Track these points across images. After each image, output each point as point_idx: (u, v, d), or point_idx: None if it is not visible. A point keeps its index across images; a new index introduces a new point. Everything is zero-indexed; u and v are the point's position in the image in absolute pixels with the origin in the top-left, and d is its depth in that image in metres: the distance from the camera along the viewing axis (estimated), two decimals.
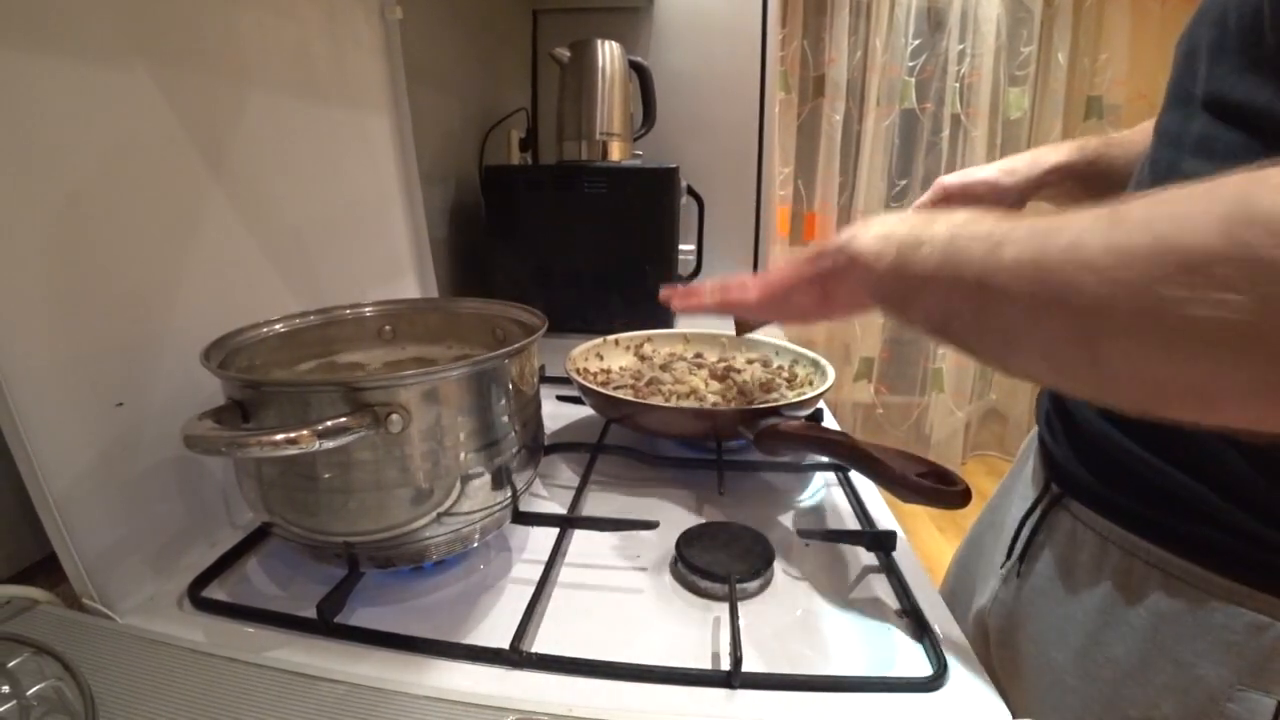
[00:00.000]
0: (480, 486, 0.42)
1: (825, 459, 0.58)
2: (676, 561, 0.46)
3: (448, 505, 0.41)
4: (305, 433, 0.34)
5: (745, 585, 0.44)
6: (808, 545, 0.50)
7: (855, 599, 0.44)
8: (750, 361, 0.76)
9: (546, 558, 0.47)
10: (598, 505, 0.56)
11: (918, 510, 2.10)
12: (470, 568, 0.48)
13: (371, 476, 0.39)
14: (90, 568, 0.40)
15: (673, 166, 1.03)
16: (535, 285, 1.08)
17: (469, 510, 0.42)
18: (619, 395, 0.62)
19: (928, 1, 2.22)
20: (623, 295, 1.06)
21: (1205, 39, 0.40)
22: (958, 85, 2.25)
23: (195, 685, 0.34)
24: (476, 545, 0.48)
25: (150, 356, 0.45)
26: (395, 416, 0.37)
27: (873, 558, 0.48)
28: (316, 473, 0.39)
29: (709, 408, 0.61)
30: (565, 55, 1.11)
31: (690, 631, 0.41)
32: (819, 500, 0.58)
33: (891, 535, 0.48)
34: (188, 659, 0.36)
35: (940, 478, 0.43)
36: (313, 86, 0.65)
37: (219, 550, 0.47)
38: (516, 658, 0.38)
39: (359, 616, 0.42)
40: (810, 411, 0.65)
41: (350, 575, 0.42)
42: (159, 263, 0.47)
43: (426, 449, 0.40)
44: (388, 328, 0.58)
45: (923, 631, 0.40)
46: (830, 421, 0.70)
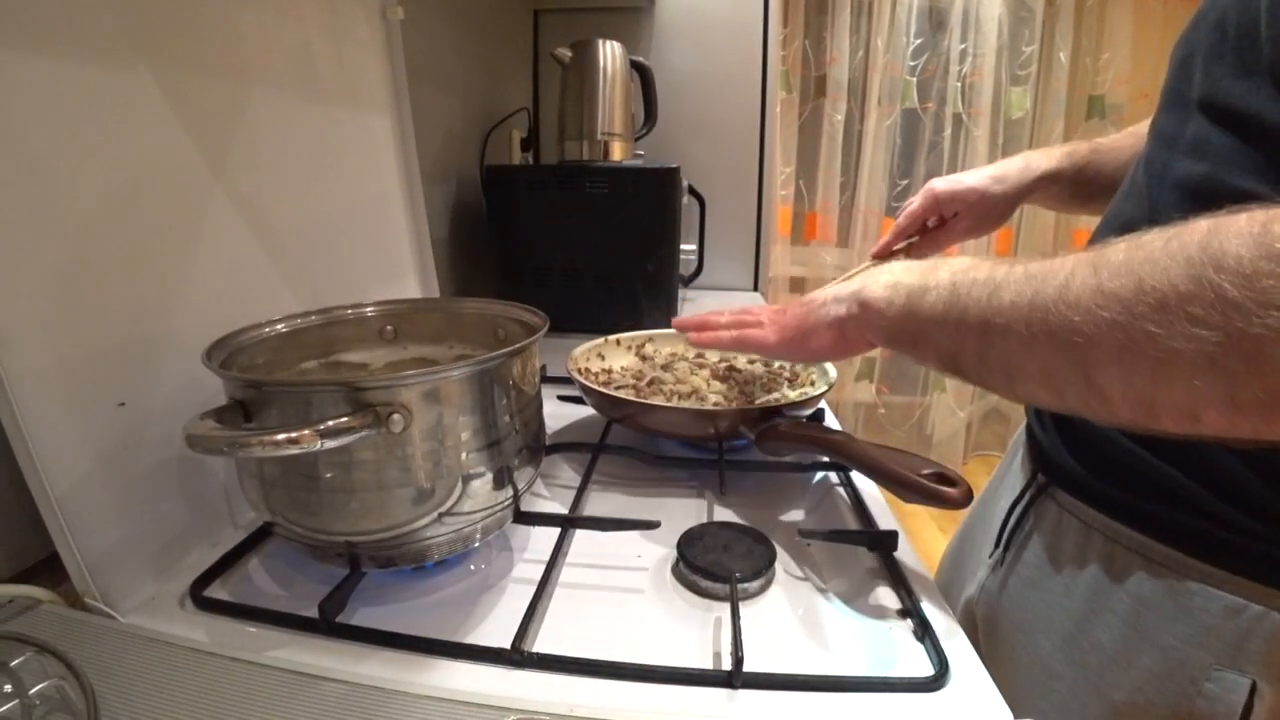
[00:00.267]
0: (482, 486, 0.42)
1: (827, 459, 0.58)
2: (678, 561, 0.46)
3: (449, 505, 0.41)
4: (307, 432, 0.34)
5: (747, 585, 0.44)
6: (809, 545, 0.50)
7: (857, 599, 0.44)
8: (752, 361, 0.76)
9: (548, 558, 0.47)
10: (599, 505, 0.56)
11: (919, 510, 2.10)
12: (472, 568, 0.48)
13: (373, 476, 0.39)
14: (92, 567, 0.40)
15: (674, 166, 1.03)
16: (537, 285, 1.08)
17: (470, 510, 0.42)
18: (620, 395, 0.62)
19: (929, 1, 2.22)
20: (624, 295, 1.06)
21: (1202, 44, 0.41)
22: (959, 85, 2.25)
23: (197, 684, 0.34)
24: (478, 545, 0.48)
25: (152, 356, 0.45)
26: (397, 416, 0.37)
27: (874, 558, 0.48)
28: (318, 472, 0.39)
29: (710, 408, 0.61)
30: (566, 55, 1.11)
31: (691, 631, 0.41)
32: (820, 500, 0.58)
33: (893, 535, 0.48)
34: (189, 658, 0.36)
35: (941, 478, 0.43)
36: (314, 86, 0.65)
37: (221, 550, 0.47)
38: (518, 657, 0.38)
39: (360, 616, 0.42)
40: (812, 411, 0.65)
41: (352, 575, 0.42)
42: (161, 263, 0.47)
43: (428, 449, 0.40)
44: (389, 328, 0.58)
45: (924, 632, 0.40)
46: (832, 421, 0.70)
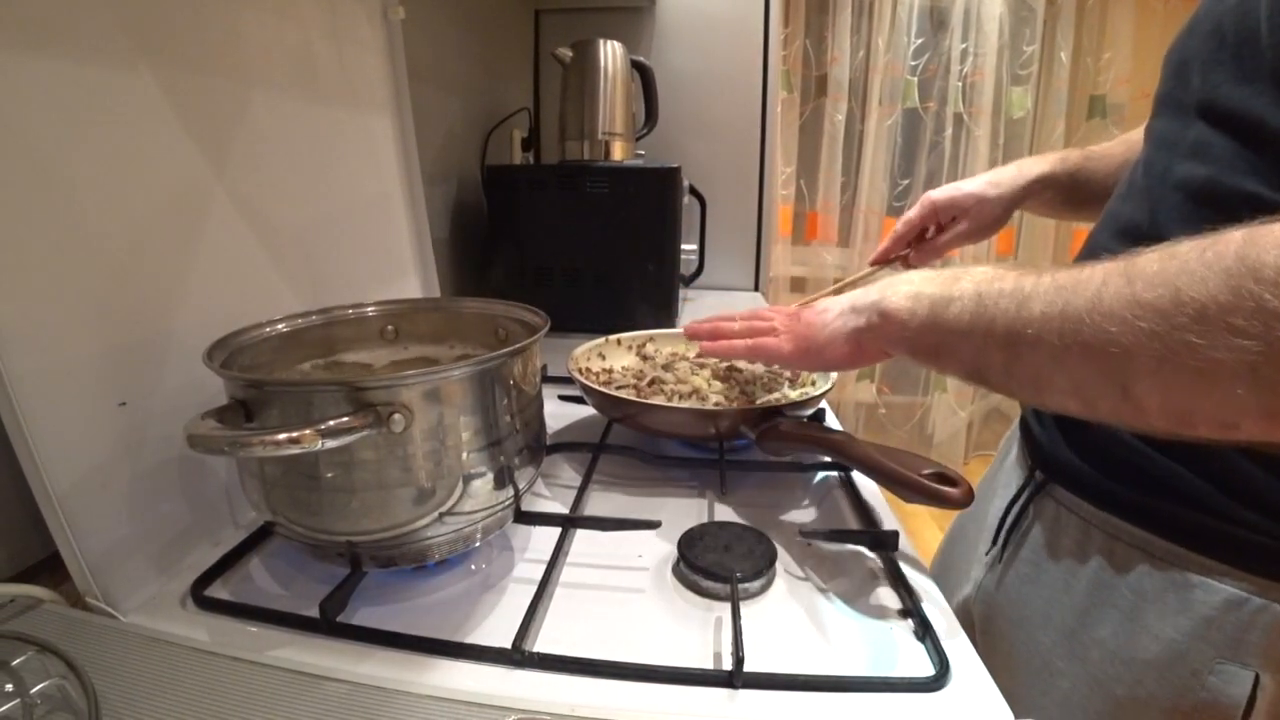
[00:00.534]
0: (482, 486, 0.42)
1: (827, 459, 0.58)
2: (679, 561, 0.46)
3: (450, 505, 0.41)
4: (308, 432, 0.34)
5: (747, 585, 0.44)
6: (810, 545, 0.50)
7: (857, 599, 0.44)
8: (752, 362, 0.76)
9: (548, 557, 0.47)
10: (600, 505, 0.56)
11: (920, 510, 2.09)
12: (472, 567, 0.48)
13: (374, 476, 0.39)
14: (94, 567, 0.40)
15: (675, 166, 1.03)
16: (537, 285, 1.08)
17: (471, 510, 0.42)
18: (621, 395, 0.62)
19: (930, 0, 2.21)
20: (625, 295, 1.06)
21: (1199, 51, 0.42)
22: (960, 84, 2.24)
23: (198, 684, 0.34)
24: (478, 545, 0.48)
25: (153, 356, 0.45)
26: (398, 416, 0.37)
27: (875, 557, 0.48)
28: (319, 472, 0.39)
29: (711, 407, 0.61)
30: (567, 55, 1.12)
31: (692, 631, 0.41)
32: (821, 500, 0.58)
33: (894, 535, 0.48)
34: (191, 658, 0.36)
35: (942, 478, 0.43)
36: (315, 87, 0.65)
37: (222, 549, 0.47)
38: (519, 657, 0.38)
39: (361, 616, 0.42)
40: (812, 411, 0.65)
41: (352, 575, 0.42)
42: (162, 263, 0.47)
43: (429, 448, 0.40)
44: (390, 327, 0.58)
45: (925, 631, 0.40)
46: (832, 421, 0.70)
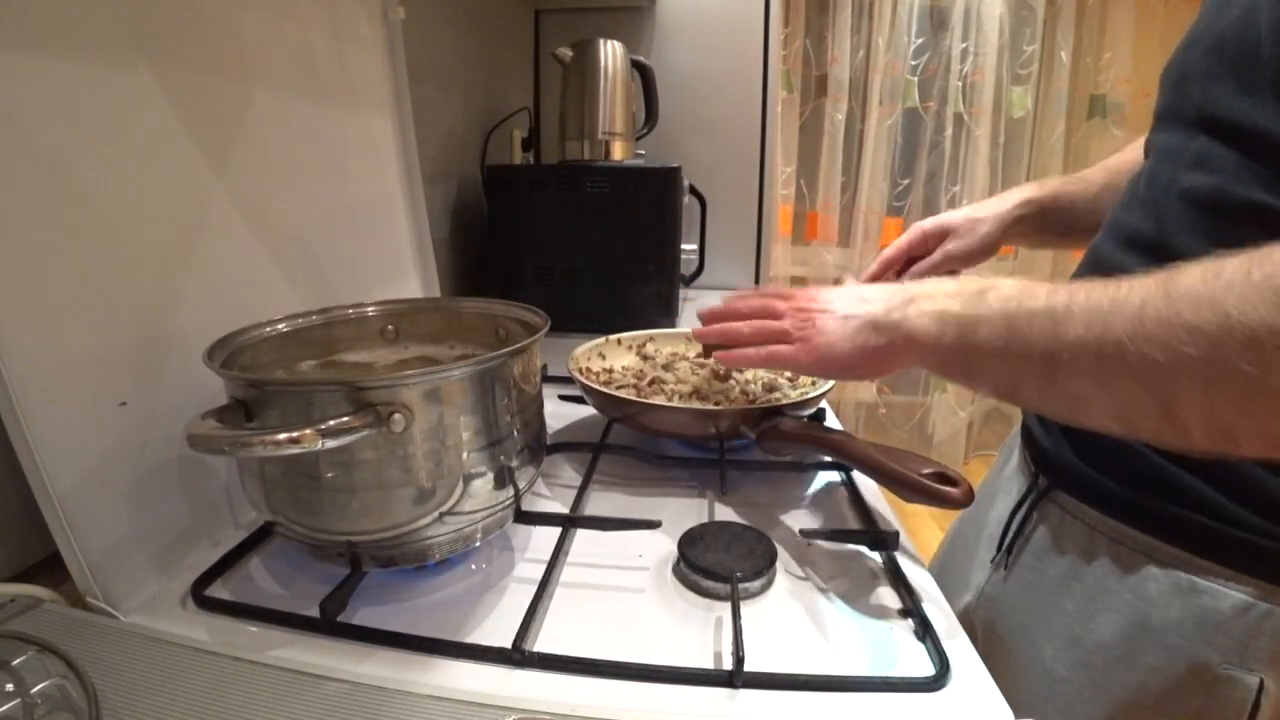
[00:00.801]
0: (483, 486, 0.42)
1: (828, 458, 0.58)
2: (679, 561, 0.46)
3: (450, 505, 0.41)
4: (308, 432, 0.34)
5: (747, 585, 0.44)
6: (810, 545, 0.50)
7: (857, 599, 0.44)
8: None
9: (549, 557, 0.47)
10: (600, 505, 0.56)
11: (920, 510, 2.09)
12: (473, 567, 0.48)
13: (374, 476, 0.39)
14: (94, 566, 0.40)
15: (675, 166, 1.03)
16: (537, 285, 1.08)
17: (471, 510, 0.42)
18: (621, 395, 0.62)
19: (930, 0, 2.21)
20: (625, 295, 1.06)
21: (1199, 66, 0.42)
22: (961, 84, 2.24)
23: (198, 684, 0.34)
24: (479, 545, 0.48)
25: (154, 356, 0.45)
26: (398, 416, 0.37)
27: (875, 557, 0.48)
28: (319, 472, 0.39)
29: (711, 407, 0.61)
30: (567, 55, 1.11)
31: (692, 631, 0.41)
32: (821, 500, 0.58)
33: (894, 535, 0.48)
34: (191, 658, 0.36)
35: (942, 477, 0.43)
36: (315, 87, 0.65)
37: (222, 549, 0.47)
38: (519, 657, 0.38)
39: (361, 616, 0.42)
40: (813, 411, 0.65)
41: (353, 574, 0.42)
42: (162, 262, 0.47)
43: (429, 448, 0.40)
44: (390, 327, 0.58)
45: (925, 631, 0.40)
46: (833, 421, 0.70)
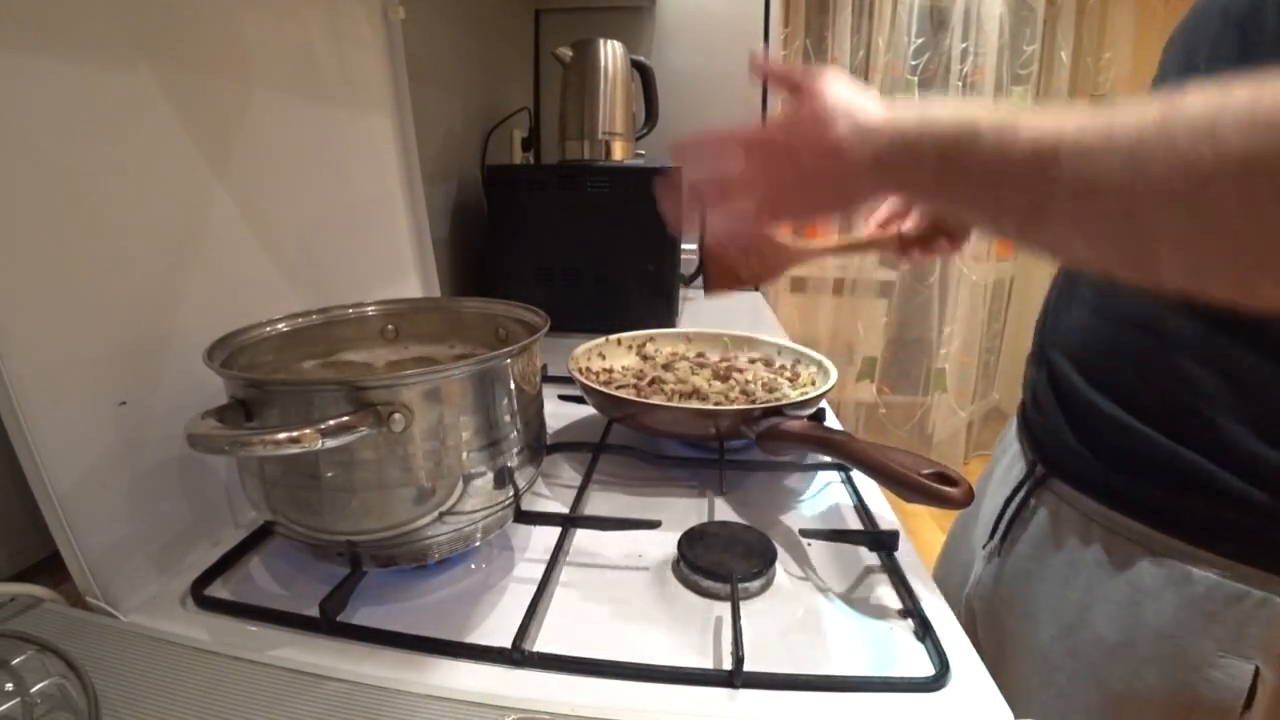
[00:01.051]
0: (482, 486, 0.42)
1: (828, 458, 0.58)
2: (678, 561, 0.46)
3: (450, 504, 0.41)
4: (308, 432, 0.34)
5: (747, 585, 0.44)
6: (810, 545, 0.50)
7: (857, 599, 0.44)
8: (753, 361, 0.76)
9: (548, 557, 0.47)
10: (600, 505, 0.56)
11: (920, 510, 2.09)
12: (473, 567, 0.48)
13: (374, 475, 0.39)
14: (94, 566, 0.40)
15: (675, 166, 1.03)
16: (537, 284, 1.08)
17: (471, 509, 0.42)
18: (621, 395, 0.62)
19: (930, 0, 2.21)
20: (625, 295, 1.06)
21: (1205, 33, 0.42)
22: (961, 84, 2.24)
23: (198, 683, 0.34)
24: (478, 544, 0.48)
25: (154, 355, 0.45)
26: (398, 416, 0.37)
27: (875, 557, 0.48)
28: (319, 471, 0.39)
29: (711, 407, 0.61)
30: (568, 55, 1.11)
31: (692, 631, 0.41)
32: (821, 500, 0.58)
33: (894, 535, 0.48)
34: (191, 657, 0.36)
35: (942, 477, 0.43)
36: (315, 87, 0.65)
37: (222, 549, 0.47)
38: (518, 657, 0.38)
39: (361, 615, 0.42)
40: (813, 411, 0.65)
41: (352, 574, 0.42)
42: (162, 262, 0.47)
43: (429, 448, 0.40)
44: (390, 327, 0.58)
45: (925, 631, 0.40)
46: (833, 421, 0.70)
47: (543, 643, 0.40)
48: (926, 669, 0.38)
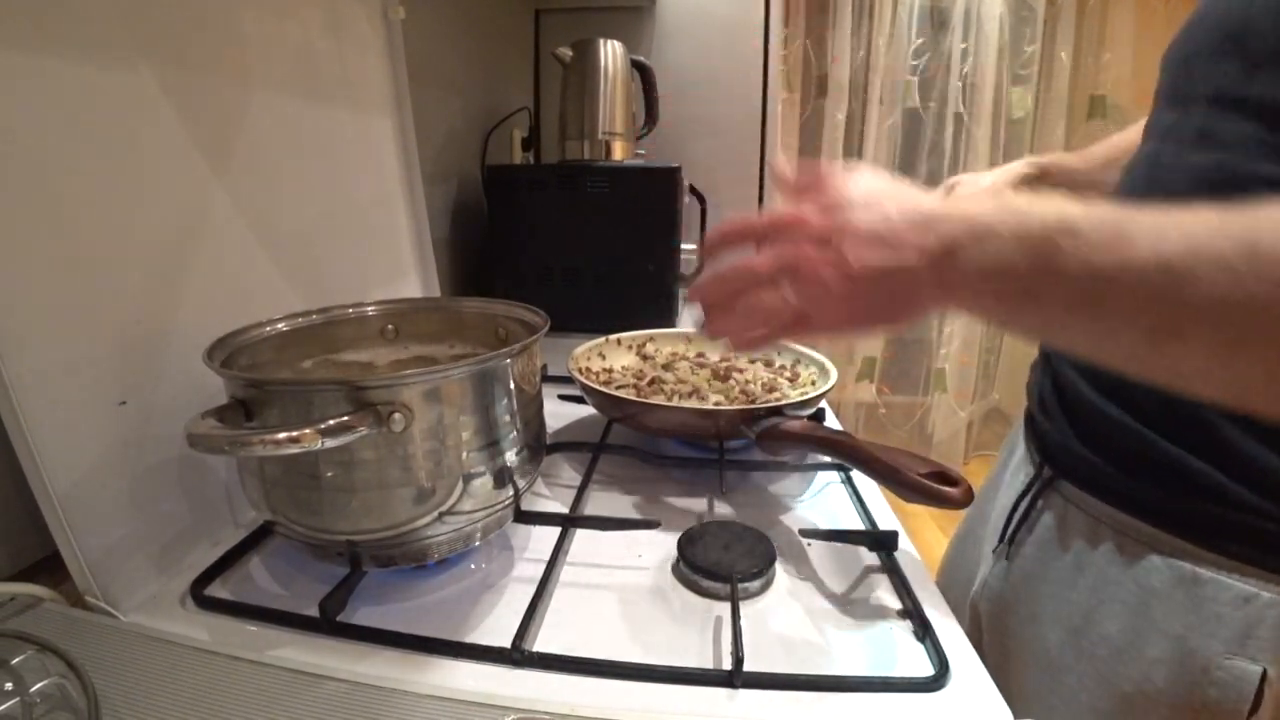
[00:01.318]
0: (482, 486, 0.42)
1: (827, 458, 0.58)
2: (678, 561, 0.46)
3: (450, 504, 0.41)
4: (308, 431, 0.34)
5: (747, 585, 0.44)
6: (810, 545, 0.50)
7: (857, 599, 0.44)
8: (752, 361, 0.76)
9: (548, 557, 0.47)
10: (599, 504, 0.56)
11: (920, 510, 2.09)
12: (472, 567, 0.48)
13: (374, 475, 0.39)
14: (93, 566, 0.40)
15: (675, 166, 1.03)
16: (537, 284, 1.08)
17: (471, 509, 0.42)
18: (621, 395, 0.62)
19: (930, 1, 2.21)
20: (625, 294, 1.06)
21: (1204, 44, 0.43)
22: (961, 85, 2.24)
23: (198, 683, 0.34)
24: (478, 544, 0.48)
25: (153, 355, 0.45)
26: (398, 415, 0.37)
27: (875, 558, 0.48)
28: (319, 471, 0.39)
29: (711, 407, 0.61)
30: (568, 55, 1.11)
31: (692, 631, 0.41)
32: (821, 500, 0.58)
33: (894, 535, 0.48)
34: (190, 657, 0.36)
35: (942, 477, 0.43)
36: (315, 87, 0.65)
37: (222, 549, 0.47)
38: (518, 656, 0.38)
39: (361, 615, 0.42)
40: (812, 411, 0.65)
41: (352, 574, 0.42)
42: (162, 262, 0.47)
43: (429, 448, 0.40)
44: (390, 327, 0.58)
45: (924, 632, 0.40)
46: (832, 421, 0.70)
47: (542, 643, 0.40)
48: (926, 669, 0.38)
